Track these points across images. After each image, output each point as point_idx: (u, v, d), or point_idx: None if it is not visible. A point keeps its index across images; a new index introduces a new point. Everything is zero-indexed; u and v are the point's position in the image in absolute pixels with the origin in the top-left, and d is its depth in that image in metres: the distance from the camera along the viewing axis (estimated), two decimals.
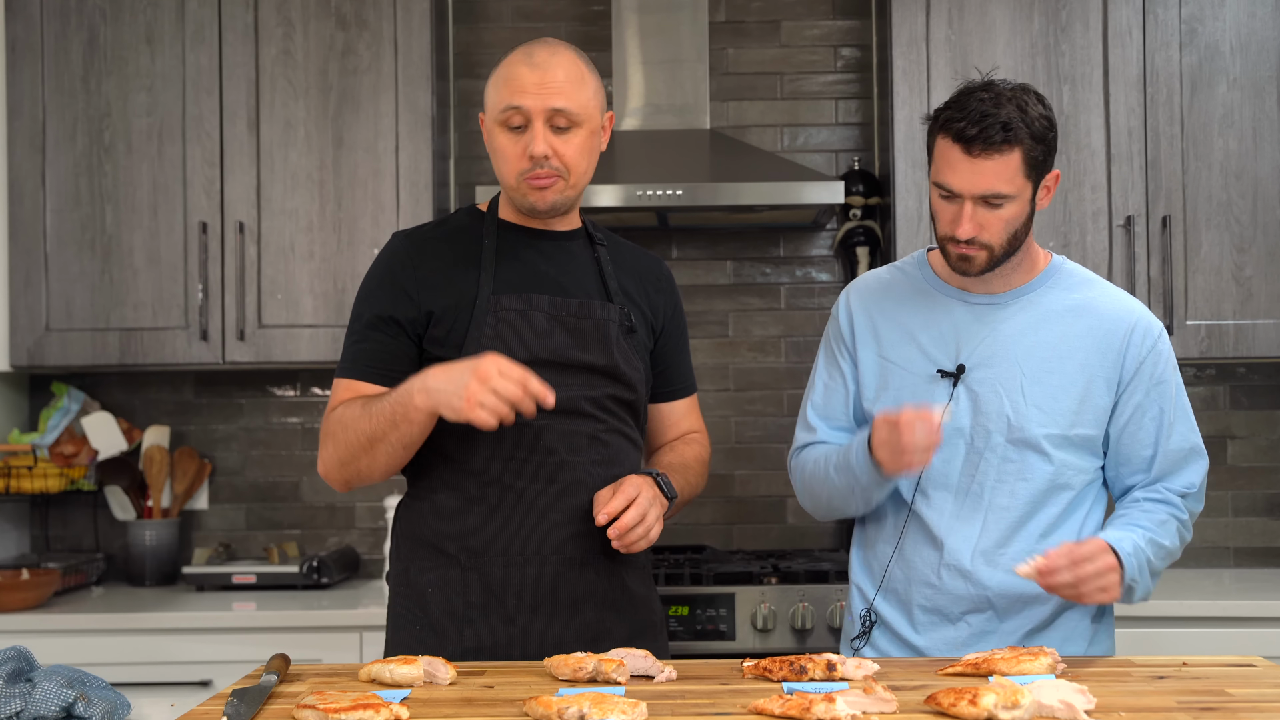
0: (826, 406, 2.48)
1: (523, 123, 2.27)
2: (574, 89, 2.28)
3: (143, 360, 3.70)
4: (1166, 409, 2.34)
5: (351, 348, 2.35)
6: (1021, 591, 2.30)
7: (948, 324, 2.37)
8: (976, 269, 2.29)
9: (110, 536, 4.05)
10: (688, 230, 4.08)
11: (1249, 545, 4.00)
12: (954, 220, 2.25)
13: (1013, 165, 2.21)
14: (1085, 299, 2.37)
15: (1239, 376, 4.01)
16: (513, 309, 2.30)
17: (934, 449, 2.19)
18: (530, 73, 2.26)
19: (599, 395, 2.35)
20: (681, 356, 2.56)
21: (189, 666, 3.34)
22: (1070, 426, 2.31)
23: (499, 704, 1.84)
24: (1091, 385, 2.32)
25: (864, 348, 2.43)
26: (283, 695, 1.92)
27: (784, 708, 1.71)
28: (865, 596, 2.45)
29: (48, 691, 1.81)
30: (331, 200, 3.70)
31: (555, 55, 2.29)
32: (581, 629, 2.31)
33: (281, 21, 3.70)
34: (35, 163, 3.70)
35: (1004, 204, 2.23)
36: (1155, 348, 2.35)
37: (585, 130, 2.30)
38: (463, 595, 2.30)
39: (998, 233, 2.25)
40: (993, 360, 2.33)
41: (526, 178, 2.29)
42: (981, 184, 2.21)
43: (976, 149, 2.20)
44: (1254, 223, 3.60)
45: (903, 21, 3.66)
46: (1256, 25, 3.62)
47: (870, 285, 2.50)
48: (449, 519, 2.33)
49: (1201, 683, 1.95)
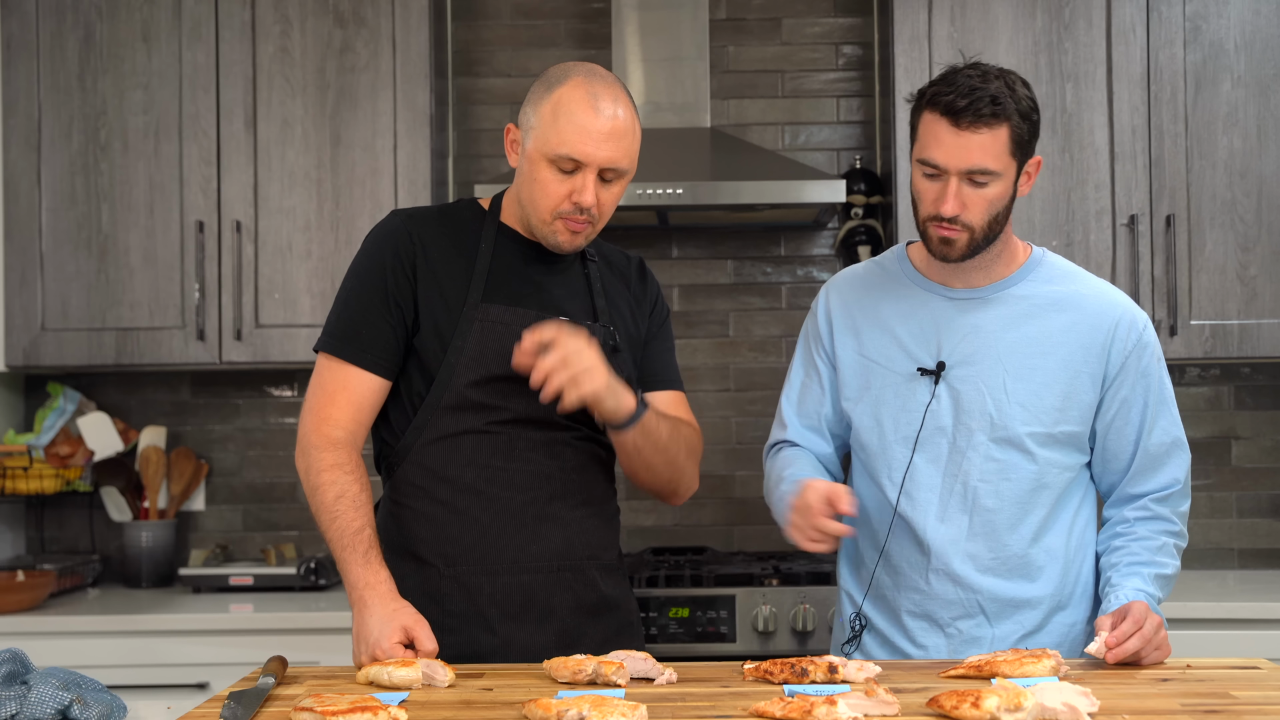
0: (801, 404, 2.48)
1: (574, 169, 2.22)
2: (630, 144, 2.25)
3: (139, 360, 3.68)
4: (1151, 402, 2.31)
5: (344, 323, 2.30)
6: (1013, 596, 2.29)
7: (928, 320, 2.35)
8: (957, 252, 2.26)
9: (106, 538, 4.03)
10: (688, 229, 4.06)
11: (1253, 547, 3.98)
12: (938, 198, 2.22)
13: (1000, 141, 2.19)
14: (1068, 292, 2.34)
15: (1243, 377, 3.99)
16: (499, 322, 2.29)
17: (837, 541, 2.19)
18: (596, 121, 2.20)
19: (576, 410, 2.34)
20: (660, 348, 2.50)
21: (186, 669, 3.33)
22: (1054, 424, 2.28)
23: (498, 706, 1.84)
24: (1076, 381, 2.29)
25: (843, 346, 2.41)
26: (280, 698, 1.92)
27: (785, 710, 1.71)
28: (854, 601, 2.43)
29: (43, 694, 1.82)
30: (329, 199, 3.68)
31: (618, 103, 2.23)
32: (560, 635, 2.31)
33: (279, 19, 3.69)
34: (30, 161, 3.69)
35: (989, 182, 2.21)
36: (1141, 340, 2.32)
37: (627, 179, 2.30)
38: (442, 603, 2.29)
39: (980, 212, 2.22)
40: (974, 357, 2.30)
41: (563, 218, 2.25)
42: (969, 158, 2.19)
43: (965, 121, 2.17)
44: (1258, 221, 3.59)
45: (904, 19, 3.64)
46: (1261, 23, 3.60)
47: (850, 281, 2.48)
48: (426, 527, 2.32)
49: (1206, 685, 1.94)
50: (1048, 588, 2.31)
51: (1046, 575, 2.31)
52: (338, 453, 2.25)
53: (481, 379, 2.28)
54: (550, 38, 4.10)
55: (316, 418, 2.28)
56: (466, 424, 2.29)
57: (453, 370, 2.27)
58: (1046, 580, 2.31)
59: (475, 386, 2.28)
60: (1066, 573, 2.32)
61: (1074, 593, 2.34)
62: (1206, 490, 3.97)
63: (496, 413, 2.29)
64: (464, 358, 2.27)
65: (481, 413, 2.29)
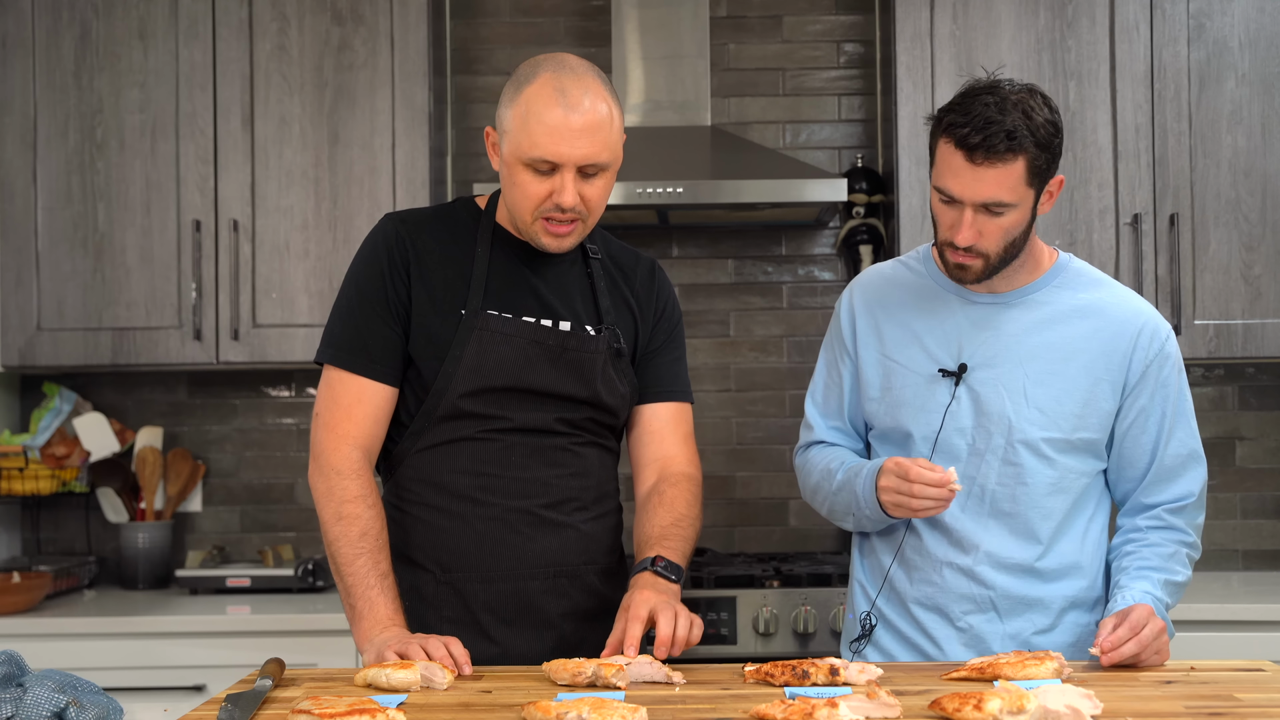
0: (825, 405, 2.48)
1: (551, 170, 2.18)
2: (606, 134, 2.17)
3: (135, 360, 3.67)
4: (1169, 413, 2.31)
5: (351, 334, 2.28)
6: (1025, 594, 2.29)
7: (951, 323, 2.35)
8: (972, 277, 2.27)
9: (102, 539, 4.02)
10: (688, 228, 4.05)
11: (1257, 548, 3.96)
12: (953, 226, 2.22)
13: (1015, 174, 2.16)
14: (1093, 300, 2.33)
15: (1247, 377, 3.97)
16: (498, 332, 2.26)
17: (945, 508, 2.19)
18: (565, 119, 2.13)
19: (576, 418, 2.33)
20: (669, 357, 2.46)
21: (182, 671, 3.32)
22: (1073, 430, 2.28)
23: (497, 709, 1.83)
24: (1096, 389, 2.29)
25: (866, 347, 2.41)
26: (278, 700, 1.91)
27: (786, 713, 1.69)
28: (868, 596, 2.43)
29: (39, 697, 1.81)
30: (327, 198, 3.67)
31: (588, 94, 2.15)
32: (559, 643, 2.30)
33: (276, 16, 3.67)
34: (26, 160, 3.67)
35: (1005, 212, 2.19)
36: (1163, 350, 2.32)
37: (611, 171, 2.23)
38: (439, 610, 2.29)
39: (995, 241, 2.21)
40: (996, 360, 2.30)
41: (544, 219, 2.21)
42: (983, 192, 2.16)
43: (979, 157, 2.14)
44: (1263, 220, 3.57)
45: (906, 16, 3.63)
46: (1265, 20, 3.58)
47: (874, 282, 2.47)
48: (422, 533, 2.31)
49: (1209, 687, 1.93)
50: (1061, 589, 2.31)
51: (1060, 577, 2.31)
52: (361, 482, 2.24)
53: (478, 389, 2.26)
54: (550, 35, 4.08)
55: (334, 435, 2.26)
56: (463, 431, 2.28)
57: (450, 380, 2.25)
58: (1060, 581, 2.31)
59: (472, 397, 2.26)
60: (1080, 575, 2.32)
61: (1086, 595, 2.34)
62: (1211, 491, 3.93)
63: (493, 421, 2.28)
64: (461, 368, 2.25)
65: (478, 421, 2.28)
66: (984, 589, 2.30)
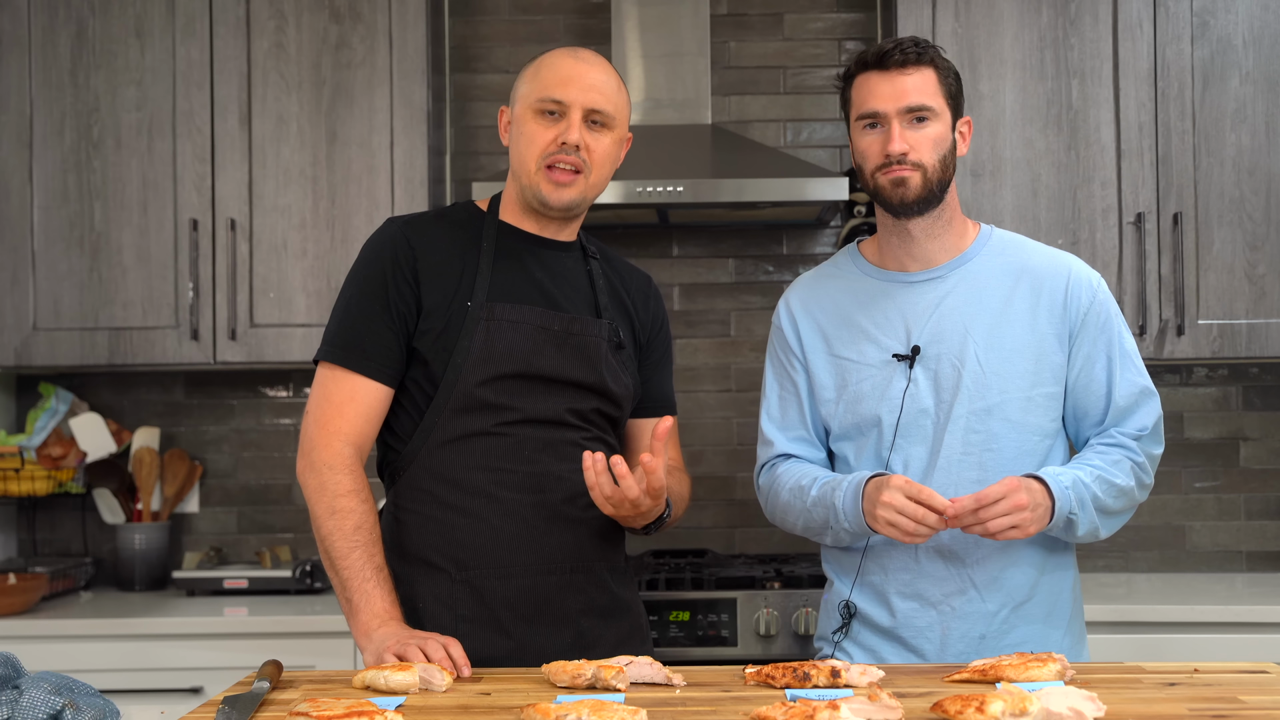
0: (784, 417, 2.49)
1: (559, 112, 2.29)
2: (614, 93, 2.33)
3: (132, 360, 3.65)
4: (1114, 355, 2.36)
5: (347, 332, 2.30)
6: (1001, 565, 2.32)
7: (893, 309, 2.39)
8: (913, 192, 2.31)
9: (99, 540, 4.01)
10: (689, 228, 4.03)
11: (1262, 549, 3.94)
12: (884, 142, 2.30)
13: (930, 81, 2.29)
14: (1019, 261, 2.40)
15: (1251, 377, 3.95)
16: (505, 319, 2.29)
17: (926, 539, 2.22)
18: (575, 67, 2.30)
19: (584, 408, 2.36)
20: (661, 374, 2.55)
21: (179, 673, 3.31)
22: (1031, 387, 2.33)
23: (496, 711, 1.82)
24: (1044, 344, 2.34)
25: (814, 351, 2.44)
26: (275, 702, 1.90)
27: (787, 715, 1.68)
28: (842, 591, 2.44)
29: (35, 699, 1.81)
30: (325, 197, 3.65)
31: (599, 61, 2.35)
32: (576, 639, 2.31)
33: (274, 14, 3.66)
34: (22, 158, 3.65)
35: (929, 120, 2.29)
36: (1095, 296, 2.37)
37: (615, 135, 2.35)
38: (454, 608, 2.28)
39: (928, 151, 2.30)
40: (943, 335, 2.34)
41: (550, 162, 2.29)
42: (905, 97, 2.27)
43: (893, 63, 2.27)
44: (1267, 220, 3.55)
45: (908, 15, 3.61)
46: (1270, 18, 3.57)
47: (807, 286, 2.52)
48: (436, 532, 2.31)
49: (1213, 689, 1.92)
50: (1033, 554, 2.34)
51: (1032, 541, 2.33)
52: (354, 476, 2.26)
53: (490, 378, 2.28)
54: (549, 33, 4.07)
55: (326, 431, 2.27)
56: (474, 426, 2.29)
57: (460, 371, 2.27)
58: (1032, 546, 2.34)
59: (483, 386, 2.27)
60: (1050, 538, 2.35)
61: (1059, 556, 2.38)
62: (1214, 492, 3.94)
63: (505, 413, 2.29)
64: (471, 358, 2.26)
65: (490, 414, 2.28)
66: (961, 568, 2.32)
